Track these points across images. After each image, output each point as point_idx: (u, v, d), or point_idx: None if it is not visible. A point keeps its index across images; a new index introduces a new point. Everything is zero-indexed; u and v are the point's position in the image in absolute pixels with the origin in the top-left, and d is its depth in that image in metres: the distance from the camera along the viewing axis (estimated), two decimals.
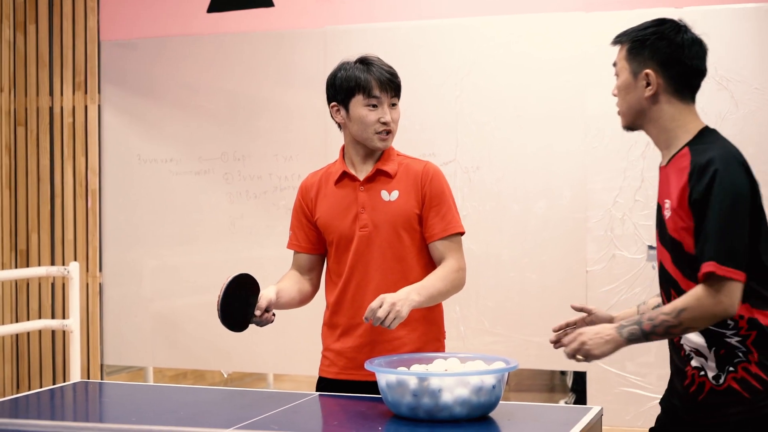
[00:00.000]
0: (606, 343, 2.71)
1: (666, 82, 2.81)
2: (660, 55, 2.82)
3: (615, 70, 2.91)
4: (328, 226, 3.38)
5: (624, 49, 2.87)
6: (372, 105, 3.29)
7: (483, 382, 2.74)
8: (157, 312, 5.96)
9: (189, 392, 3.74)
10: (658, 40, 2.83)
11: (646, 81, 2.82)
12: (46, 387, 4.87)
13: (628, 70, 2.85)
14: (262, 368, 6.24)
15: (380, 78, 3.30)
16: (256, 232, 5.77)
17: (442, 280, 3.27)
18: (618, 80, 2.89)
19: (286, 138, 5.71)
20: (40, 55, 6.24)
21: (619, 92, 2.89)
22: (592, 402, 5.04)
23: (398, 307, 3.08)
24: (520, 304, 5.27)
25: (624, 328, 2.70)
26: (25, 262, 6.26)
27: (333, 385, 3.37)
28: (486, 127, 5.31)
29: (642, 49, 2.84)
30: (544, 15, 5.24)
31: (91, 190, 6.09)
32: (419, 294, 3.18)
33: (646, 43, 2.83)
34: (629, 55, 2.85)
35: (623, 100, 2.88)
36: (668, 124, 2.83)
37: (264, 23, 5.77)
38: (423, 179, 3.33)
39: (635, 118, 2.88)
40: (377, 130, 3.30)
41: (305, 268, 3.49)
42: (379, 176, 3.34)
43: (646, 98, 2.82)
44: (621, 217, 5.07)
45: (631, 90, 2.85)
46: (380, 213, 3.31)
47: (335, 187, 3.39)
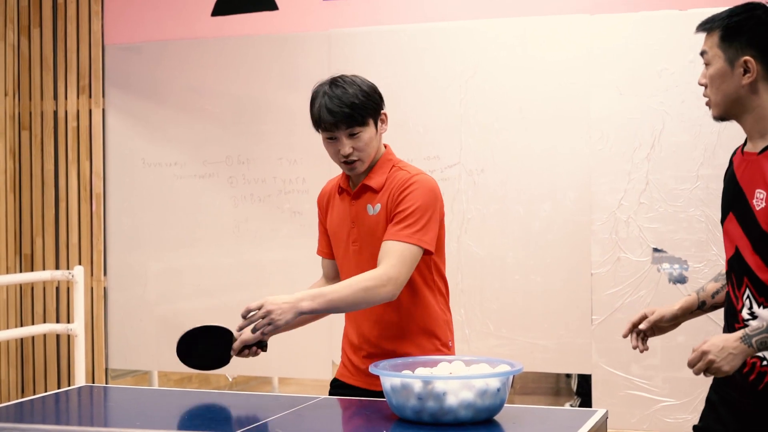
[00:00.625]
0: (735, 357, 2.65)
1: (764, 68, 2.74)
2: (760, 41, 2.74)
3: (705, 59, 2.81)
4: (333, 237, 3.39)
5: (715, 36, 2.78)
6: (330, 137, 3.24)
7: (488, 385, 2.74)
8: (161, 315, 5.96)
9: (194, 396, 3.73)
10: (756, 26, 2.75)
11: (744, 68, 2.74)
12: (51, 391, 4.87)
13: (722, 58, 2.77)
14: (267, 372, 6.23)
15: (322, 116, 3.22)
16: (260, 235, 5.77)
17: (348, 287, 3.07)
18: (710, 69, 2.79)
19: (291, 141, 5.71)
20: (44, 58, 6.24)
21: (711, 81, 2.79)
22: (597, 405, 5.04)
23: (275, 316, 2.98)
24: (524, 306, 5.26)
25: (752, 337, 2.64)
26: (29, 267, 6.26)
27: (347, 388, 3.38)
28: (490, 129, 5.31)
29: (738, 36, 2.75)
30: (549, 17, 5.24)
31: (96, 194, 6.10)
32: (313, 300, 3.02)
33: (743, 29, 2.75)
34: (723, 43, 2.76)
35: (717, 89, 2.78)
36: (766, 112, 2.76)
37: (268, 26, 5.77)
38: (396, 190, 3.20)
39: (730, 108, 2.79)
40: (340, 160, 3.25)
41: (330, 274, 3.48)
42: (365, 191, 3.28)
43: (743, 86, 2.75)
44: (626, 220, 5.07)
45: (728, 78, 2.76)
46: (365, 227, 3.27)
47: (338, 198, 3.38)
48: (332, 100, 3.21)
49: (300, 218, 5.62)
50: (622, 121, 5.08)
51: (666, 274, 5.00)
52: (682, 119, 4.97)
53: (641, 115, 5.05)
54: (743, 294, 2.78)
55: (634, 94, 5.07)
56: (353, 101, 3.20)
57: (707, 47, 2.80)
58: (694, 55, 4.95)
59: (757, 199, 2.71)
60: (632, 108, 5.08)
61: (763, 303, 2.72)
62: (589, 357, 5.11)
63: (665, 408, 5.00)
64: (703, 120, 4.90)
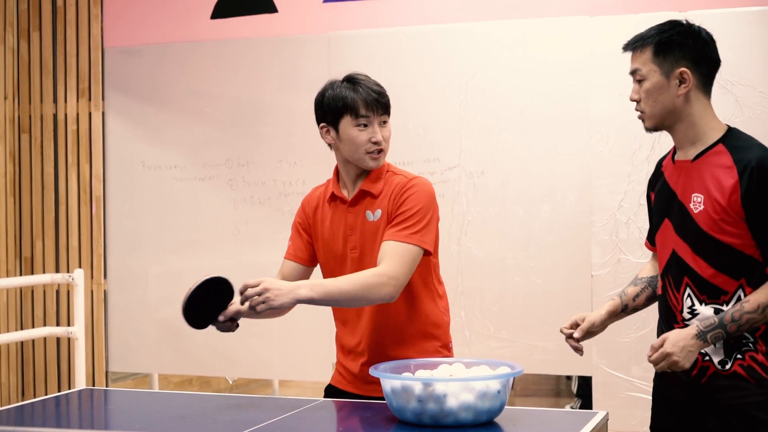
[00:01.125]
0: (692, 354, 2.83)
1: (697, 79, 2.91)
2: (691, 52, 2.90)
3: (637, 75, 2.94)
4: (323, 246, 3.36)
5: (648, 52, 2.92)
6: (362, 125, 3.24)
7: (488, 387, 2.74)
8: (162, 318, 5.96)
9: (194, 399, 3.73)
10: (685, 39, 2.90)
11: (679, 79, 2.89)
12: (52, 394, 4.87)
13: (658, 72, 2.90)
14: (267, 374, 6.24)
15: (367, 98, 3.23)
16: (260, 238, 5.76)
17: (351, 282, 3.10)
18: (645, 83, 2.93)
19: (291, 144, 5.70)
20: (43, 62, 6.24)
21: (648, 95, 2.94)
22: (597, 407, 5.04)
23: (270, 295, 3.00)
24: (524, 308, 5.26)
25: (706, 334, 2.81)
26: (29, 270, 6.26)
27: (342, 395, 3.37)
28: (490, 131, 5.31)
29: (671, 49, 2.90)
30: (549, 19, 5.24)
31: (96, 197, 6.10)
32: (311, 290, 3.06)
33: (675, 43, 2.90)
34: (657, 57, 2.90)
35: (655, 102, 2.93)
36: (697, 120, 2.93)
37: (268, 29, 5.77)
38: (395, 193, 3.23)
39: (665, 118, 2.96)
40: (368, 150, 3.24)
41: (286, 276, 3.44)
42: (363, 197, 3.28)
43: (679, 96, 2.90)
44: (626, 221, 5.07)
45: (664, 91, 2.91)
46: (366, 234, 3.26)
47: (329, 207, 3.36)
48: (370, 86, 3.27)
49: None
50: (622, 123, 5.08)
51: None
52: None
53: None
54: (683, 294, 2.93)
55: None
56: (385, 90, 3.30)
57: (639, 64, 2.93)
58: None
59: (695, 202, 2.88)
60: (632, 110, 5.02)
61: (705, 300, 2.88)
62: (590, 359, 5.11)
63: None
64: None
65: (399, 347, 3.28)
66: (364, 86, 3.26)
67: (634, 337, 5.02)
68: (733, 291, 2.85)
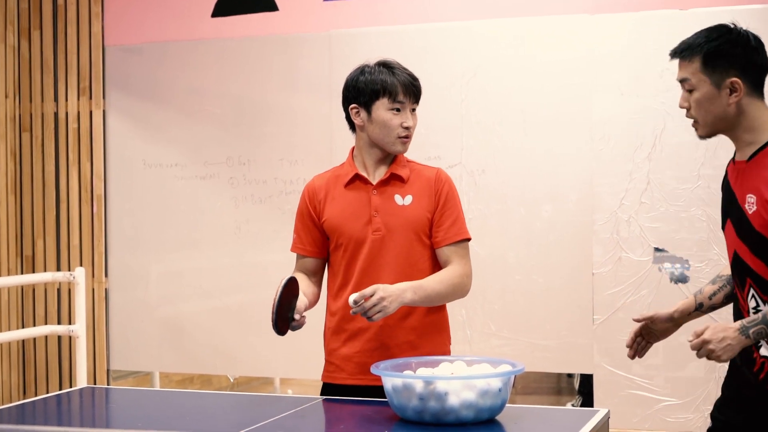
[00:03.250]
0: (733, 348, 2.78)
1: (748, 86, 2.88)
2: (740, 61, 2.88)
3: (686, 85, 2.93)
4: (338, 228, 3.36)
5: (696, 62, 2.90)
6: (396, 109, 3.31)
7: (489, 385, 2.74)
8: (163, 317, 5.96)
9: (195, 397, 3.73)
10: (734, 48, 2.89)
11: (730, 89, 2.87)
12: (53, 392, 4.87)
13: (708, 82, 2.89)
14: (268, 372, 6.23)
15: (405, 82, 3.32)
16: (261, 236, 5.76)
17: (441, 283, 3.28)
18: (696, 93, 2.91)
19: (292, 142, 5.70)
20: (44, 60, 6.24)
21: (699, 105, 2.92)
22: (599, 404, 5.04)
23: (386, 303, 3.10)
24: (526, 306, 5.26)
25: (749, 329, 2.77)
26: (31, 268, 6.26)
27: (340, 390, 3.36)
28: (491, 130, 5.31)
29: (719, 59, 2.88)
30: (549, 18, 5.24)
31: (97, 196, 6.10)
32: (415, 293, 3.19)
33: (723, 52, 2.89)
34: (706, 68, 2.89)
35: (706, 112, 2.91)
36: (752, 123, 2.90)
37: (269, 27, 5.77)
38: (437, 184, 3.36)
39: (717, 126, 2.94)
40: (400, 134, 3.31)
41: (311, 270, 3.49)
42: (393, 180, 3.35)
43: (730, 105, 2.88)
44: (627, 220, 5.06)
45: (715, 100, 2.89)
46: (394, 217, 3.31)
47: (345, 189, 3.37)
48: (407, 72, 3.37)
49: None
50: (624, 121, 5.08)
51: (667, 274, 5.00)
52: (684, 119, 4.87)
53: (642, 115, 5.05)
54: (748, 294, 2.89)
55: (635, 94, 5.07)
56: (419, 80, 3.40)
57: (688, 74, 2.92)
58: None
59: (749, 203, 2.85)
60: (633, 108, 5.08)
61: None
62: (591, 357, 5.11)
63: (667, 407, 5.00)
64: None
65: (410, 333, 3.29)
66: (400, 71, 3.35)
67: None
68: None
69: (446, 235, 3.32)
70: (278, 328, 3.15)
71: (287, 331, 3.21)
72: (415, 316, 3.30)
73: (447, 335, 3.43)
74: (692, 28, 5.05)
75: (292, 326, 3.23)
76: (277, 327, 3.14)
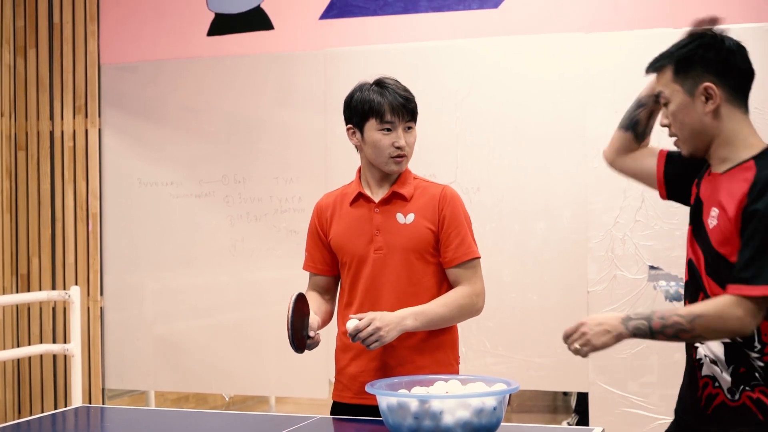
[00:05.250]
0: (606, 333, 2.65)
1: (726, 93, 2.70)
2: (714, 65, 2.70)
3: (662, 99, 2.77)
4: (342, 247, 3.37)
5: (668, 72, 2.75)
6: (386, 129, 3.29)
7: (484, 404, 2.73)
8: (158, 335, 5.95)
9: (191, 416, 3.73)
10: (707, 51, 2.71)
11: (705, 95, 2.68)
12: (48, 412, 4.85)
13: (681, 91, 2.71)
14: (264, 391, 6.23)
15: (393, 102, 3.28)
16: (257, 254, 5.76)
17: (445, 306, 3.27)
18: (671, 106, 2.74)
19: (287, 160, 5.71)
20: (40, 79, 6.25)
21: (674, 118, 2.74)
22: (594, 423, 5.03)
23: (382, 333, 3.11)
24: (521, 324, 5.26)
25: (630, 321, 2.62)
26: (26, 287, 6.26)
27: (348, 409, 3.35)
28: (486, 148, 5.31)
29: (692, 65, 2.71)
30: (543, 36, 5.25)
31: (92, 214, 6.09)
32: (416, 319, 3.20)
33: (695, 58, 2.71)
34: (678, 76, 2.72)
35: (683, 124, 2.73)
36: (732, 137, 2.70)
37: (264, 45, 5.78)
38: (441, 202, 3.34)
39: (699, 140, 2.74)
40: (392, 154, 3.30)
41: (323, 288, 3.49)
42: (394, 199, 3.34)
43: (707, 114, 2.69)
44: (622, 238, 5.07)
45: (690, 110, 2.71)
46: (395, 236, 3.31)
47: (350, 207, 3.38)
48: (400, 91, 3.33)
49: (296, 237, 5.61)
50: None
51: (662, 292, 5.00)
52: None
53: None
54: None
55: None
56: (414, 97, 3.37)
57: (662, 86, 2.76)
58: None
59: (711, 217, 2.68)
60: None
61: None
62: (586, 375, 5.11)
63: (662, 425, 4.99)
64: None
65: (415, 353, 3.29)
66: (391, 91, 3.31)
67: (630, 353, 5.02)
68: None
69: (454, 256, 3.32)
70: (295, 345, 3.14)
71: (305, 348, 3.21)
72: (419, 335, 3.30)
73: (454, 355, 3.42)
74: None
75: (308, 344, 3.22)
76: (294, 345, 3.13)
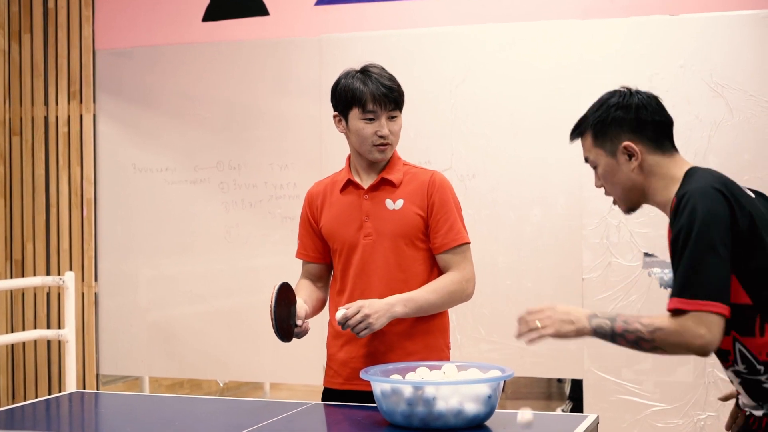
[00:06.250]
0: (568, 324, 2.69)
1: (646, 146, 2.71)
2: (627, 123, 2.73)
3: (590, 163, 2.79)
4: (333, 233, 3.38)
5: (588, 138, 2.79)
6: (368, 118, 3.28)
7: (478, 391, 2.74)
8: (153, 321, 5.95)
9: (185, 402, 3.73)
10: (615, 111, 2.75)
11: (627, 154, 2.71)
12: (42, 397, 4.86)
13: (604, 154, 2.75)
14: (258, 377, 6.23)
15: (375, 92, 3.27)
16: (251, 241, 5.76)
17: (434, 292, 3.27)
18: (599, 170, 2.77)
19: (282, 146, 5.70)
20: (35, 64, 6.23)
21: (605, 180, 2.77)
22: (588, 410, 5.04)
23: (371, 320, 3.12)
24: (515, 311, 5.21)
25: (595, 318, 2.63)
26: (20, 272, 6.25)
27: (339, 395, 3.36)
28: (481, 135, 5.31)
29: (606, 128, 2.75)
30: (539, 23, 5.24)
31: (87, 200, 6.09)
32: (405, 306, 3.20)
33: (607, 120, 2.76)
34: (597, 140, 2.76)
35: (614, 185, 2.76)
36: (663, 185, 2.71)
37: (259, 32, 5.77)
38: (430, 188, 3.32)
39: (633, 195, 2.75)
40: (374, 142, 3.29)
41: (315, 276, 3.50)
42: (383, 185, 3.34)
43: (633, 170, 2.71)
44: (617, 225, 5.07)
45: (617, 170, 2.73)
46: (384, 221, 3.31)
47: (340, 195, 3.39)
48: (383, 80, 3.30)
49: (291, 223, 5.61)
50: None
51: (657, 279, 5.00)
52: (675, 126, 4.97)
53: None
54: None
55: None
56: (399, 84, 3.34)
57: (586, 152, 2.80)
58: (685, 60, 4.98)
59: None
60: None
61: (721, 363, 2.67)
62: (581, 362, 5.12)
63: (656, 413, 5.01)
64: (693, 125, 4.91)
65: (405, 339, 3.29)
66: (374, 79, 3.30)
67: None
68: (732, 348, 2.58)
69: (443, 242, 3.31)
70: (280, 335, 3.14)
71: (291, 337, 3.21)
72: (409, 321, 3.30)
73: (444, 340, 3.41)
74: (682, 33, 5.08)
75: (296, 333, 3.23)
76: (279, 334, 3.14)
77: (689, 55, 4.98)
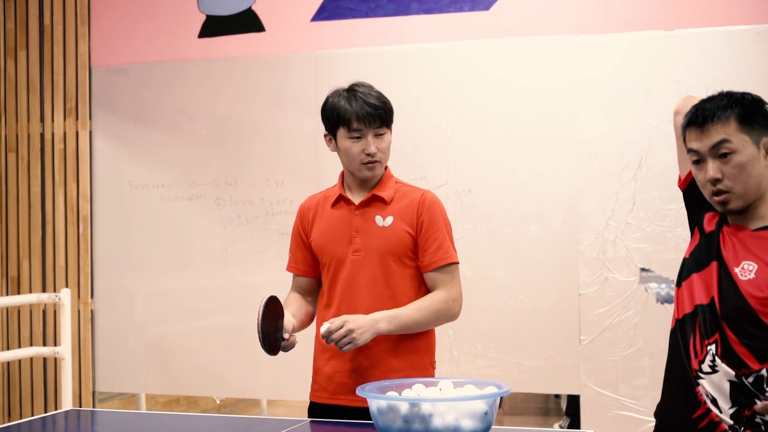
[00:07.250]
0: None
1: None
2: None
3: (723, 148, 2.55)
4: (322, 248, 3.38)
5: (734, 122, 2.55)
6: (355, 137, 3.28)
7: (475, 408, 2.72)
8: (149, 338, 5.94)
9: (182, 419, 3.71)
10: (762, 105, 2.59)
11: (766, 149, 2.55)
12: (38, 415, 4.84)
13: (750, 142, 2.54)
14: (255, 394, 6.21)
15: (359, 111, 3.26)
16: (248, 257, 5.75)
17: (420, 310, 3.27)
18: (738, 156, 2.55)
19: (278, 162, 5.70)
20: (30, 81, 6.23)
21: (740, 170, 2.55)
22: (586, 426, 5.03)
23: (355, 335, 3.13)
24: (512, 327, 5.25)
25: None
26: (16, 289, 6.24)
27: (324, 410, 3.36)
28: (477, 150, 5.31)
29: (755, 117, 2.57)
30: (534, 38, 5.25)
31: (83, 216, 6.08)
32: (389, 323, 3.20)
33: (756, 110, 2.58)
34: (744, 126, 2.56)
35: (749, 176, 2.55)
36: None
37: (255, 48, 5.77)
38: (420, 207, 3.33)
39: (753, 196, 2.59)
40: (362, 161, 3.29)
41: (305, 290, 3.51)
42: (374, 201, 3.35)
43: (766, 167, 2.56)
44: (613, 240, 5.07)
45: (757, 162, 2.55)
46: (373, 238, 3.31)
47: (331, 209, 3.39)
48: (369, 98, 3.29)
49: (287, 239, 5.53)
50: (609, 142, 5.09)
51: (653, 294, 5.00)
52: (669, 139, 4.94)
53: (628, 135, 5.06)
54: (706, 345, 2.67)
55: (620, 114, 5.08)
56: (386, 102, 3.32)
57: (728, 134, 2.55)
58: (681, 75, 4.98)
59: (744, 269, 2.56)
60: (619, 128, 5.09)
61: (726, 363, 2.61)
62: (578, 377, 5.10)
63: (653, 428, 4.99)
64: None
65: (390, 355, 3.28)
66: (360, 99, 3.28)
67: (621, 356, 5.02)
68: (757, 370, 2.56)
69: (431, 260, 3.31)
70: (267, 348, 3.14)
71: (278, 351, 3.21)
72: (394, 338, 3.29)
73: (430, 359, 3.40)
74: (677, 49, 5.07)
75: (283, 347, 3.23)
76: (266, 347, 3.14)
77: (685, 70, 4.99)
